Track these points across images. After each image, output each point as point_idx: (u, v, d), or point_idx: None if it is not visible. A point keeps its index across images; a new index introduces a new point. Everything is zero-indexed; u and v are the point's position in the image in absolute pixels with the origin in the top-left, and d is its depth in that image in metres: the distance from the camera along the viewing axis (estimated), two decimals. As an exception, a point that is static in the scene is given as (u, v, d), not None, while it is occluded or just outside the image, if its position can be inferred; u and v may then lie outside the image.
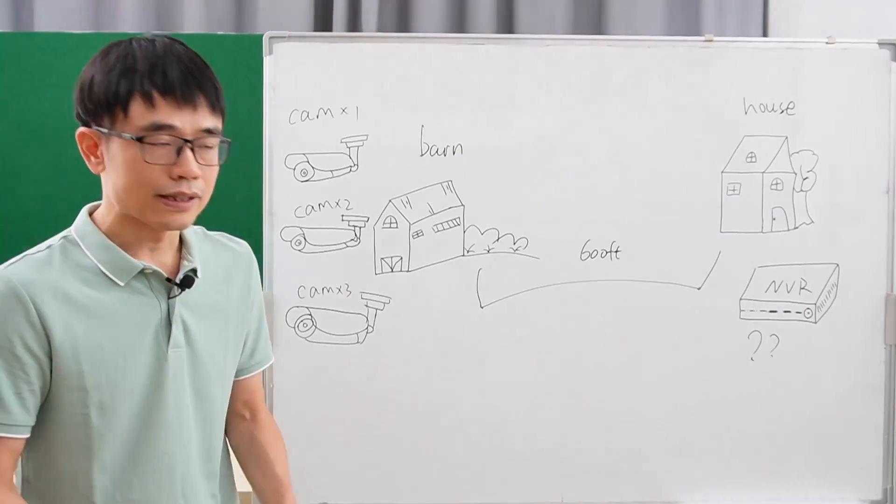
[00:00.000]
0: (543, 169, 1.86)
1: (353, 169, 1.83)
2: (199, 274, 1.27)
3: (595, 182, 1.87)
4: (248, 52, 2.44)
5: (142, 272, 1.22)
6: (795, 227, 1.88)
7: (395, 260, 1.84)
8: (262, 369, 1.49)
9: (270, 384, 1.79)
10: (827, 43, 1.88)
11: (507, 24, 2.84)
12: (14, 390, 1.15)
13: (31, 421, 1.18)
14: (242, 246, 1.41)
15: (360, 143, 1.83)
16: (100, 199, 1.27)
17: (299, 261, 1.81)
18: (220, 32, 2.67)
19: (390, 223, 1.84)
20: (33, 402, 1.17)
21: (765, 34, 2.79)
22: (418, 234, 1.84)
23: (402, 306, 1.84)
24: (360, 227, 1.83)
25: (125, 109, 1.16)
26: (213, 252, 1.33)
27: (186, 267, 1.27)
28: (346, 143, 1.82)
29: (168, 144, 1.17)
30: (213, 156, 1.23)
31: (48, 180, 2.06)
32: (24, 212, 2.07)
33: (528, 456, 1.88)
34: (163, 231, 1.23)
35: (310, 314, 1.83)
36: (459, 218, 1.85)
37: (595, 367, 1.88)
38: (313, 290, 1.82)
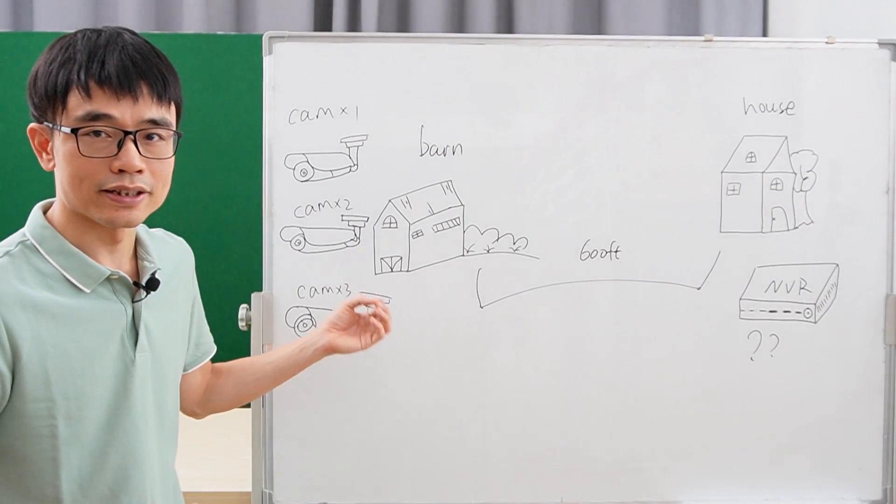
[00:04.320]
0: (543, 169, 1.86)
1: (353, 169, 1.83)
2: (159, 275, 1.23)
3: (595, 182, 1.87)
4: (247, 52, 2.44)
5: (107, 278, 1.17)
6: (795, 227, 1.88)
7: (394, 260, 1.84)
8: (208, 359, 1.48)
9: (270, 384, 1.79)
10: (827, 43, 1.88)
11: (507, 24, 2.84)
12: None
13: None
14: (180, 242, 1.39)
15: (360, 143, 1.83)
16: None
17: (299, 261, 1.81)
18: (219, 32, 2.67)
19: (390, 223, 1.84)
20: None
21: (765, 34, 2.79)
22: (418, 234, 1.84)
23: (402, 306, 1.83)
24: (359, 227, 1.83)
25: (64, 102, 1.11)
26: (160, 249, 1.29)
27: (149, 269, 1.22)
28: (345, 142, 1.82)
29: (109, 137, 1.12)
30: (163, 149, 1.17)
31: (48, 180, 2.06)
32: (24, 212, 2.06)
33: (528, 456, 1.88)
34: (111, 228, 1.17)
35: (309, 314, 1.82)
36: (459, 218, 1.85)
37: (595, 367, 1.88)
38: (313, 290, 1.82)
